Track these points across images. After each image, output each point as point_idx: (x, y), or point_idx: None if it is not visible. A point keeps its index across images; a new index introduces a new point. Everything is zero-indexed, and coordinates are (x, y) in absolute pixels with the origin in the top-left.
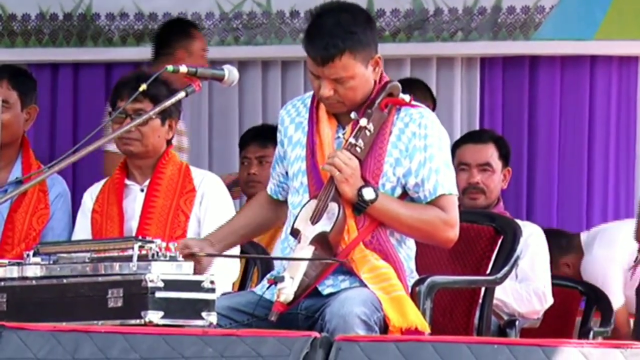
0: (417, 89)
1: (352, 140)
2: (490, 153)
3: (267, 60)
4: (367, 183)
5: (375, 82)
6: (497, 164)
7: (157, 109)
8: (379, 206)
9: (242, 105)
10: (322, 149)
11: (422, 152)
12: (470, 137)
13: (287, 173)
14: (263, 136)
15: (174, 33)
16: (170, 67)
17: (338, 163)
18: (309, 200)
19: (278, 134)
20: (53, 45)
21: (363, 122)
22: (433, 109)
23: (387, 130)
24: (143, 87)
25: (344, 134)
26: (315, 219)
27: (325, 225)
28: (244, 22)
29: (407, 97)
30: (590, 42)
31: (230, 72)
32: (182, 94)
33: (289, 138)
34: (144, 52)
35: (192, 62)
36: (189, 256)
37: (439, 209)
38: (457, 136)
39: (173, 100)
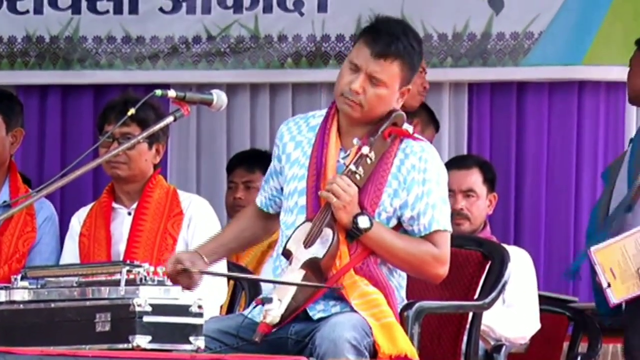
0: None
1: (352, 167)
2: (474, 179)
3: (255, 84)
4: (363, 211)
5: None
6: (481, 189)
7: (146, 133)
8: (372, 235)
9: (230, 129)
10: (326, 172)
11: (420, 185)
12: (455, 163)
13: (281, 188)
14: (250, 161)
15: None
16: (158, 92)
17: (337, 189)
18: (303, 222)
19: (275, 149)
20: (39, 68)
21: (365, 150)
22: (436, 131)
23: (389, 160)
24: (132, 111)
25: (344, 158)
26: (308, 243)
27: (318, 250)
28: (231, 45)
29: (410, 128)
30: (578, 67)
31: (219, 97)
32: (170, 119)
33: (287, 155)
34: (131, 75)
35: None
36: (182, 272)
37: (432, 245)
38: (445, 161)
39: (161, 124)
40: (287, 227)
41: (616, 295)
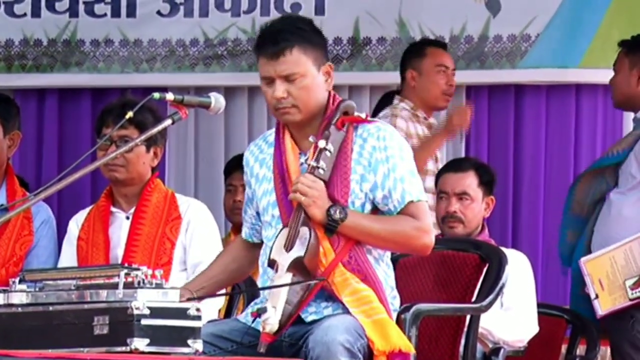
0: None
1: (313, 163)
2: (469, 182)
3: (253, 87)
4: (335, 202)
5: (329, 93)
6: (476, 192)
7: (144, 136)
8: (349, 223)
9: (228, 132)
10: (290, 177)
11: (384, 164)
12: (451, 166)
13: (257, 214)
14: None
15: None
16: (156, 95)
17: (302, 188)
18: (280, 230)
19: (244, 176)
20: (37, 71)
21: (322, 143)
22: None
23: (348, 148)
24: (130, 114)
25: (306, 159)
26: (288, 246)
27: (299, 250)
28: (229, 48)
29: (362, 114)
30: (575, 70)
31: (217, 100)
32: (168, 122)
33: (255, 176)
34: (129, 78)
35: None
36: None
37: (410, 217)
38: (443, 164)
39: (159, 127)
40: (268, 241)
41: (603, 307)
